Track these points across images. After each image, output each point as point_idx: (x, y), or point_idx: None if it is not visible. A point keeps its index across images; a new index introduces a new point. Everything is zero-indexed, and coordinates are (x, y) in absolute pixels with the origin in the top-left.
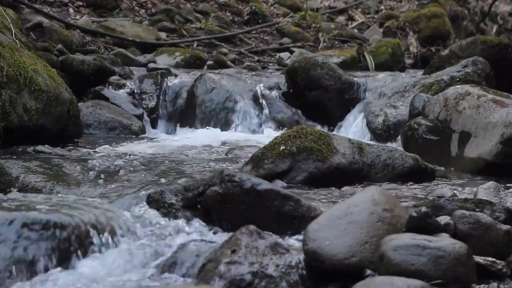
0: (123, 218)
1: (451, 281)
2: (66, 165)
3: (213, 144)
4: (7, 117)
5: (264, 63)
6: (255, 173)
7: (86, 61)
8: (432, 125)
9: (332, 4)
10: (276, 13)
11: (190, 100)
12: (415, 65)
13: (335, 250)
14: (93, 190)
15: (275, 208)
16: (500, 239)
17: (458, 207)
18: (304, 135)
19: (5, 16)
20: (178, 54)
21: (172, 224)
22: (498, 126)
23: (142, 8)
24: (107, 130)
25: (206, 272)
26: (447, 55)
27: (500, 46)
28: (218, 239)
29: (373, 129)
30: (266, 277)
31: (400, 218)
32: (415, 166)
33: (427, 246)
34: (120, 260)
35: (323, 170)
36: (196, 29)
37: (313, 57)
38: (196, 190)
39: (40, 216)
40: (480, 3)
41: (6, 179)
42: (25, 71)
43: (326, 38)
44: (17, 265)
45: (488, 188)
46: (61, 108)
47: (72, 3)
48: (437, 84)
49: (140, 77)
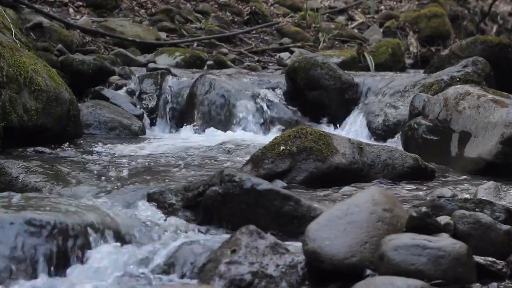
0: (123, 218)
1: (451, 281)
2: (66, 165)
3: (213, 144)
4: (7, 117)
5: (264, 63)
6: (255, 173)
7: (86, 61)
8: (432, 125)
9: (332, 4)
10: (276, 13)
11: (190, 100)
12: (415, 65)
13: (335, 250)
14: (93, 190)
15: (275, 208)
16: (500, 239)
17: (458, 207)
18: (304, 135)
19: (5, 16)
20: (178, 54)
21: (172, 224)
22: (498, 126)
23: (142, 8)
24: (107, 130)
25: (206, 272)
26: (447, 55)
27: (500, 46)
28: (218, 239)
29: (373, 129)
30: (266, 277)
31: (400, 218)
32: (415, 166)
33: (427, 246)
34: (120, 260)
35: (323, 170)
36: (196, 29)
37: (313, 57)
38: (196, 190)
39: (40, 217)
40: (480, 3)
41: (6, 179)
42: (25, 71)
43: (326, 38)
44: (16, 265)
45: (488, 188)
46: (61, 108)
47: (72, 3)
48: (437, 84)
49: (140, 77)
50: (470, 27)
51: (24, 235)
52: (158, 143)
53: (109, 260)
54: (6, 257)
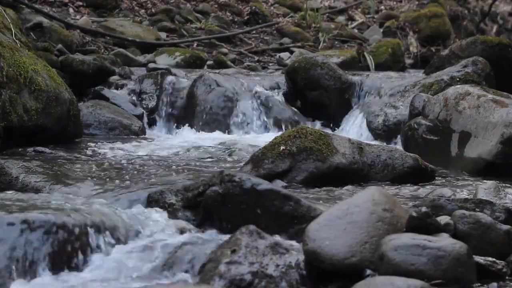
0: (123, 218)
1: (451, 281)
2: (66, 165)
3: (213, 144)
4: (7, 117)
5: (264, 63)
6: (255, 173)
7: (86, 61)
8: (432, 125)
9: (332, 4)
10: (276, 13)
11: (190, 100)
12: (415, 65)
13: (335, 250)
14: (93, 190)
15: (275, 208)
16: (500, 239)
17: (458, 207)
18: (304, 135)
19: (5, 16)
20: (178, 54)
21: (172, 224)
22: (498, 126)
23: (142, 8)
24: (107, 130)
25: (206, 272)
26: (447, 55)
27: (500, 46)
28: (218, 239)
29: (373, 129)
30: (266, 277)
31: (400, 218)
32: (415, 166)
33: (427, 246)
34: (120, 260)
35: (323, 170)
36: (196, 29)
37: (313, 57)
38: (196, 190)
39: (40, 217)
40: (480, 3)
41: (6, 179)
42: (25, 71)
43: (326, 38)
44: (17, 265)
45: (488, 188)
46: (61, 108)
47: (72, 3)
48: (437, 84)
49: (140, 77)
50: (470, 27)
51: (25, 235)
52: (158, 143)
53: (108, 260)
54: (6, 257)
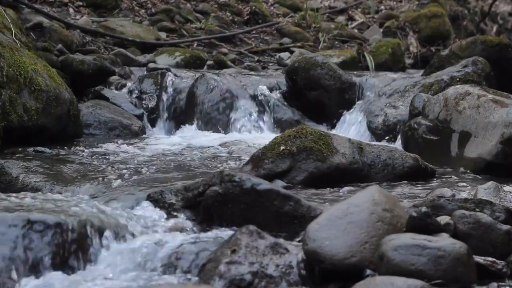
0: (123, 218)
1: (451, 281)
2: (66, 165)
3: (213, 144)
4: (7, 117)
5: (264, 63)
6: (255, 173)
7: (86, 61)
8: (432, 125)
9: (332, 4)
10: (276, 13)
11: (190, 100)
12: (415, 65)
13: (335, 250)
14: (93, 190)
15: (275, 208)
16: (500, 239)
17: (458, 207)
18: (304, 135)
19: (5, 16)
20: (178, 54)
21: (172, 224)
22: (498, 126)
23: (142, 8)
24: (107, 130)
25: (206, 272)
26: (447, 55)
27: (500, 46)
28: (218, 239)
29: (373, 129)
30: (266, 277)
31: (400, 218)
32: (415, 166)
33: (427, 246)
34: (120, 260)
35: (323, 170)
36: (196, 29)
37: (313, 57)
38: (196, 190)
39: (40, 217)
40: (480, 3)
41: (6, 179)
42: (25, 71)
43: (326, 38)
44: (17, 265)
45: (488, 188)
46: (61, 108)
47: (72, 3)
48: (437, 84)
49: (140, 77)
50: (470, 27)
51: (25, 235)
52: (158, 143)
53: (108, 260)
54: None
